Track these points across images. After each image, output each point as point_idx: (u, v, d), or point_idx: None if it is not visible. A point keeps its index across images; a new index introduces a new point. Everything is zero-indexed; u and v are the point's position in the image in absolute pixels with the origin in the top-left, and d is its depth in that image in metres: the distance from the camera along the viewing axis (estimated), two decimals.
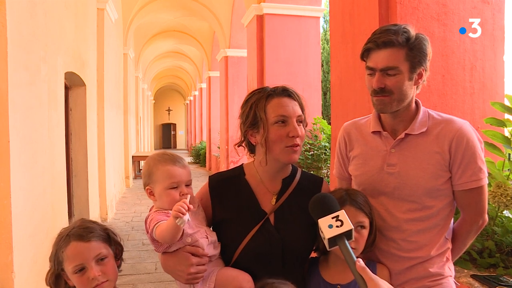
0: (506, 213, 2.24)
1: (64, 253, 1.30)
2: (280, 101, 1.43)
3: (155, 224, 1.32)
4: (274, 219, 1.46)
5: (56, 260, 1.32)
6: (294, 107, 1.43)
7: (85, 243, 1.32)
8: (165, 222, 1.31)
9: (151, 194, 1.44)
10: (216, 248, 1.44)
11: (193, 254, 1.36)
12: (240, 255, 1.42)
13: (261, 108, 1.43)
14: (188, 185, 1.44)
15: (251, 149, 1.53)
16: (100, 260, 1.32)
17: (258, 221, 1.44)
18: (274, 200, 1.48)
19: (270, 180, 1.51)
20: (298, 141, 1.41)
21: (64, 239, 1.32)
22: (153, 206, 1.48)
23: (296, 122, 1.42)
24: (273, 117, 1.41)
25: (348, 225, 1.04)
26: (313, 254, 1.57)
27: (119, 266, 1.44)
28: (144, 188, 1.46)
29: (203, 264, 1.37)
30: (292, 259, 1.43)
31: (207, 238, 1.41)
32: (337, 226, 1.04)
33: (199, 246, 1.37)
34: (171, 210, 1.35)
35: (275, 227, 1.44)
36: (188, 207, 1.26)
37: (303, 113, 1.46)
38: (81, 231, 1.34)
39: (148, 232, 1.38)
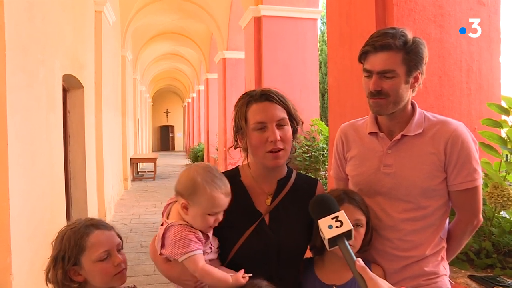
0: (503, 213, 2.25)
1: (88, 240, 1.32)
2: (259, 106, 1.42)
3: (190, 253, 1.29)
4: (269, 219, 1.46)
5: (76, 250, 1.31)
6: (273, 111, 1.40)
7: (109, 231, 1.39)
8: (216, 272, 1.30)
9: (184, 208, 1.35)
10: (216, 252, 1.44)
11: None
12: (236, 255, 1.43)
13: (242, 115, 1.44)
14: None
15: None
16: (118, 250, 1.39)
17: (253, 222, 1.44)
18: (269, 201, 1.49)
19: (265, 181, 1.51)
20: (279, 144, 1.39)
21: (84, 228, 1.35)
22: (172, 203, 1.44)
23: (277, 126, 1.40)
24: (252, 123, 1.41)
25: (347, 225, 1.06)
26: (308, 254, 1.57)
27: None
28: (176, 195, 1.39)
29: None
30: (287, 259, 1.44)
31: (211, 248, 1.40)
32: (336, 227, 1.06)
33: None
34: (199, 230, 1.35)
35: (270, 227, 1.44)
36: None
37: (290, 114, 1.44)
38: (100, 222, 1.40)
39: (161, 238, 1.35)
